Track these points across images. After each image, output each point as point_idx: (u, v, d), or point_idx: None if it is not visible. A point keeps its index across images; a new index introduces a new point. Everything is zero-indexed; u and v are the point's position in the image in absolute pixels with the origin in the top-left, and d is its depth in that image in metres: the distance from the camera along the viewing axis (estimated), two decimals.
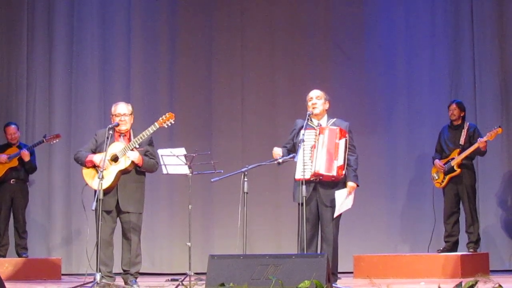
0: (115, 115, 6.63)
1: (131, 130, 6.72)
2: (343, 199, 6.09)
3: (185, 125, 9.09)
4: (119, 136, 6.66)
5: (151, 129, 6.53)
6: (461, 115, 8.08)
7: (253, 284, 5.17)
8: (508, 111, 8.77)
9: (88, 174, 6.60)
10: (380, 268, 7.60)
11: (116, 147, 6.55)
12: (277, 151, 6.24)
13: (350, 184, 6.16)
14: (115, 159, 6.52)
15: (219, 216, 9.18)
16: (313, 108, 6.25)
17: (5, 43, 9.72)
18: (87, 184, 6.59)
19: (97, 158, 6.51)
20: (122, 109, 6.66)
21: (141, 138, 6.52)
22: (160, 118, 6.61)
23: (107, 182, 6.46)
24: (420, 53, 9.12)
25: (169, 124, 6.63)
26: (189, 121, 9.13)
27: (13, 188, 8.56)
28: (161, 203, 9.29)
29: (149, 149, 6.68)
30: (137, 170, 6.62)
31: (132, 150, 6.52)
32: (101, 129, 6.89)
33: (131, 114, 6.69)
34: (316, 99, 6.28)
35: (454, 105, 8.11)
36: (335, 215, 6.12)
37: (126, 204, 6.56)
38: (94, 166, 6.52)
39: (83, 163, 6.62)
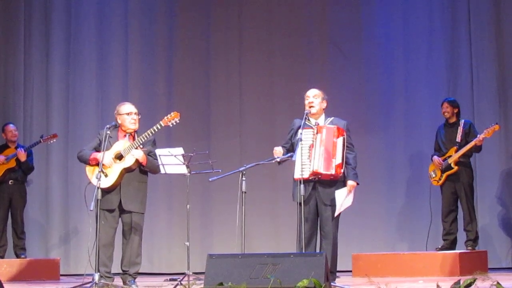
0: (126, 113, 6.60)
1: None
2: (343, 198, 6.09)
3: (183, 124, 8.96)
4: (124, 135, 6.64)
5: (156, 128, 6.52)
6: (455, 111, 8.08)
7: (251, 283, 5.17)
8: (506, 109, 8.78)
9: (91, 171, 6.57)
10: (379, 267, 7.61)
11: (121, 145, 6.54)
12: (278, 149, 6.21)
13: (350, 182, 6.15)
14: (119, 157, 6.51)
15: (218, 216, 9.18)
16: (310, 107, 6.24)
17: (2, 43, 9.71)
18: (90, 182, 6.56)
19: (101, 155, 6.47)
20: (133, 108, 6.65)
21: (146, 136, 6.51)
22: (165, 117, 6.60)
23: (110, 180, 6.45)
24: (418, 52, 9.12)
25: (174, 123, 6.61)
26: (187, 121, 9.07)
27: (11, 189, 8.56)
28: (160, 203, 9.29)
29: (152, 149, 6.67)
30: (140, 169, 6.60)
31: (136, 148, 6.51)
32: (100, 129, 6.87)
33: (139, 114, 6.70)
34: (313, 98, 6.27)
35: (446, 103, 8.11)
36: (335, 214, 6.12)
37: (129, 203, 6.54)
38: (98, 164, 6.47)
39: (86, 161, 6.60)
